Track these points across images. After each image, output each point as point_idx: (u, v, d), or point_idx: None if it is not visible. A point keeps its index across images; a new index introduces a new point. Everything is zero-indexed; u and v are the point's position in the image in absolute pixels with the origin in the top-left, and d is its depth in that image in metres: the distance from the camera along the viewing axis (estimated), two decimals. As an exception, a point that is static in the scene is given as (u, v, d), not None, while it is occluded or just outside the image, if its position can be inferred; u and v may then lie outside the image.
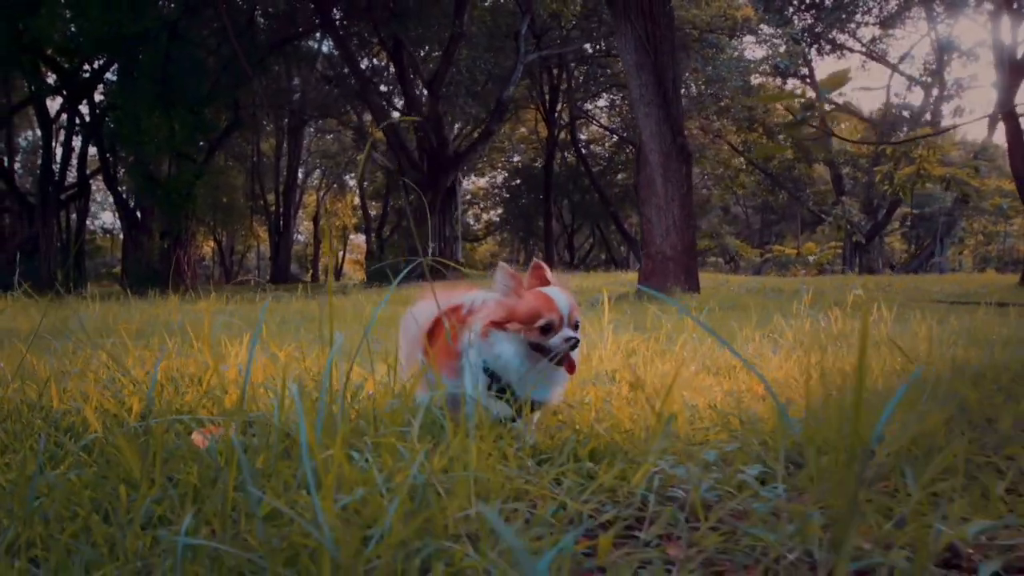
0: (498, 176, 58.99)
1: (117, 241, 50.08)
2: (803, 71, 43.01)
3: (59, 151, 34.13)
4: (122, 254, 37.18)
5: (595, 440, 2.17)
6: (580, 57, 39.52)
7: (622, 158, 48.73)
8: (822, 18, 38.79)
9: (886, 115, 42.85)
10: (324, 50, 39.27)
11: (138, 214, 33.26)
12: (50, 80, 31.27)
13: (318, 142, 54.13)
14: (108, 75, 32.61)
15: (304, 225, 64.82)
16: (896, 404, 1.66)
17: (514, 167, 56.52)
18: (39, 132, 35.08)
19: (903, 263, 47.83)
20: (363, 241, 63.72)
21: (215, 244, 57.34)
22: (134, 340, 3.79)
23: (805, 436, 2.07)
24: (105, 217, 62.71)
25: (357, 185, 55.52)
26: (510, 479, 1.80)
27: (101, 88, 33.31)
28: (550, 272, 2.52)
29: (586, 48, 37.98)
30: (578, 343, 2.33)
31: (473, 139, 37.36)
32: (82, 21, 26.23)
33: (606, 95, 44.67)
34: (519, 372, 2.34)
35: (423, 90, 34.28)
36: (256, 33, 34.05)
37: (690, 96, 36.64)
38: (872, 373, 3.30)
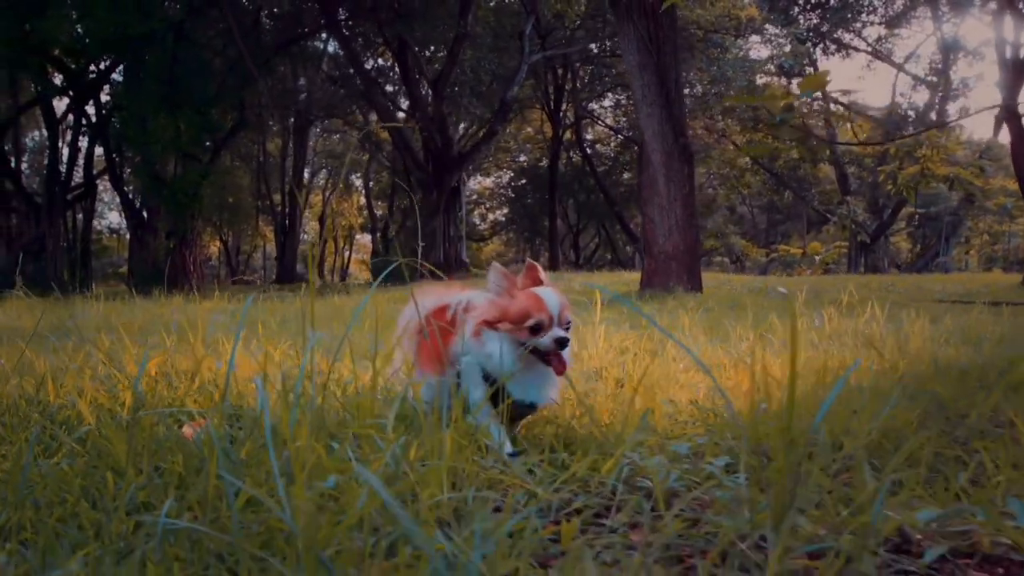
0: (504, 176, 59.13)
1: (124, 241, 50.25)
2: (809, 71, 43.05)
3: (65, 151, 34.26)
4: (128, 254, 37.30)
5: (571, 433, 2.23)
6: (585, 57, 39.50)
7: (627, 158, 48.71)
8: (827, 17, 38.78)
9: (891, 114, 42.79)
10: (329, 50, 39.40)
11: (144, 214, 33.38)
12: (57, 81, 31.35)
13: (324, 142, 54.24)
14: (114, 76, 32.77)
15: (311, 225, 64.98)
16: (867, 400, 1.72)
17: (520, 167, 56.55)
18: (46, 132, 35.23)
19: (909, 263, 47.77)
20: (369, 241, 63.95)
21: (221, 244, 57.53)
22: (135, 338, 3.88)
23: (776, 429, 2.13)
24: (112, 217, 63.01)
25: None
26: (484, 469, 1.87)
27: (107, 89, 33.46)
28: (543, 272, 2.52)
29: (591, 48, 37.96)
30: (567, 343, 2.33)
31: (477, 139, 37.41)
32: (88, 22, 26.35)
33: (611, 95, 44.65)
34: (511, 372, 2.34)
35: (428, 90, 34.36)
36: (262, 34, 34.16)
37: (695, 96, 36.66)
38: (859, 371, 3.36)
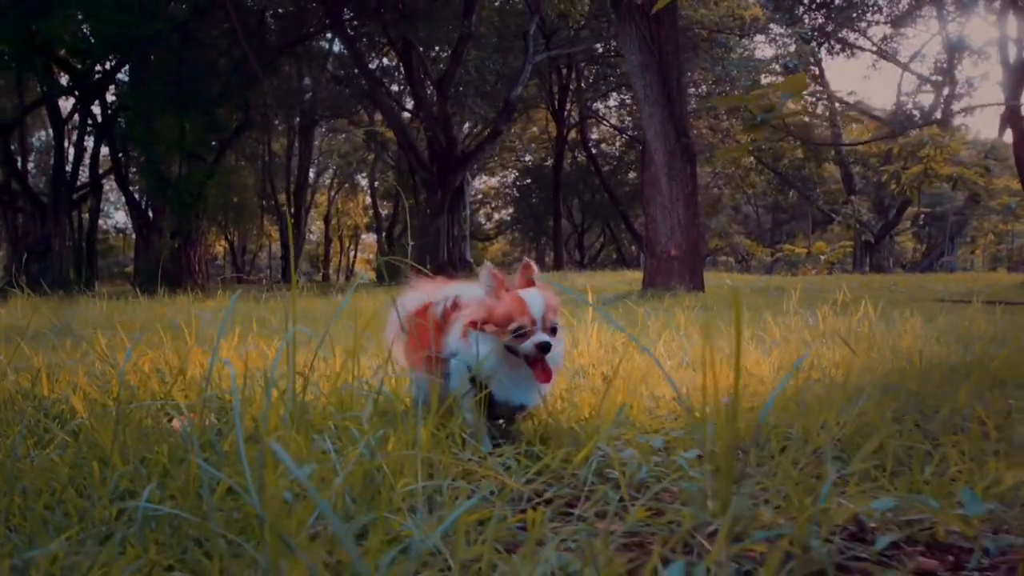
0: (509, 175, 59.14)
1: (129, 241, 50.44)
2: (814, 70, 43.02)
3: (71, 151, 34.49)
4: (134, 253, 37.47)
5: (549, 428, 2.29)
6: (589, 56, 39.50)
7: (632, 157, 48.68)
8: (832, 17, 38.78)
9: (896, 114, 42.75)
10: (334, 50, 39.47)
11: (150, 214, 33.54)
12: (62, 81, 31.53)
13: (329, 141, 54.32)
14: (120, 76, 32.99)
15: (316, 224, 65.14)
16: (841, 397, 1.77)
17: (525, 166, 56.58)
18: (51, 132, 35.41)
19: (914, 262, 47.73)
20: (374, 240, 64.15)
21: (227, 243, 57.71)
22: (136, 336, 3.94)
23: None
24: (118, 217, 63.24)
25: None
26: (461, 461, 1.93)
27: (113, 89, 33.66)
28: (536, 272, 2.51)
29: (595, 47, 37.96)
30: (549, 347, 2.28)
31: (482, 139, 37.46)
32: (94, 22, 26.49)
33: (616, 94, 44.57)
34: (495, 373, 2.35)
35: (432, 90, 34.41)
36: (266, 34, 34.25)
37: (700, 95, 36.67)
38: (846, 368, 3.42)
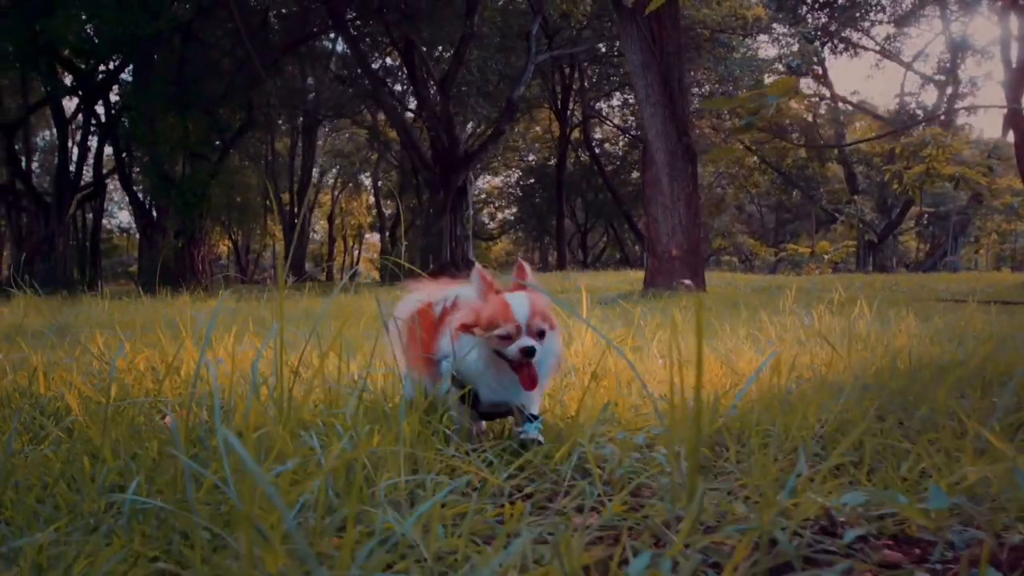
0: (512, 175, 59.22)
1: (133, 240, 50.61)
2: (817, 70, 43.05)
3: (75, 151, 34.60)
4: (138, 253, 37.61)
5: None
6: (592, 56, 39.55)
7: (635, 157, 48.68)
8: (836, 16, 38.79)
9: (899, 113, 42.74)
10: (337, 50, 39.55)
11: (154, 213, 33.67)
12: (66, 81, 31.68)
13: (332, 141, 54.40)
14: (123, 76, 33.13)
15: (320, 224, 65.29)
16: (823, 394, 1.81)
17: (528, 166, 56.64)
18: (55, 132, 35.56)
19: (917, 262, 47.68)
20: (378, 240, 64.25)
21: (231, 243, 57.81)
22: (130, 335, 3.99)
23: (728, 424, 2.23)
24: (122, 216, 63.47)
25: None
26: (443, 456, 1.97)
27: (116, 89, 33.82)
28: (529, 274, 2.48)
29: (598, 47, 38.00)
30: (534, 352, 2.26)
31: (484, 139, 37.51)
32: (97, 23, 26.63)
33: (618, 94, 44.66)
34: (480, 376, 2.35)
35: (435, 90, 34.47)
36: (270, 34, 34.36)
37: (703, 95, 36.70)
38: (839, 367, 3.45)
